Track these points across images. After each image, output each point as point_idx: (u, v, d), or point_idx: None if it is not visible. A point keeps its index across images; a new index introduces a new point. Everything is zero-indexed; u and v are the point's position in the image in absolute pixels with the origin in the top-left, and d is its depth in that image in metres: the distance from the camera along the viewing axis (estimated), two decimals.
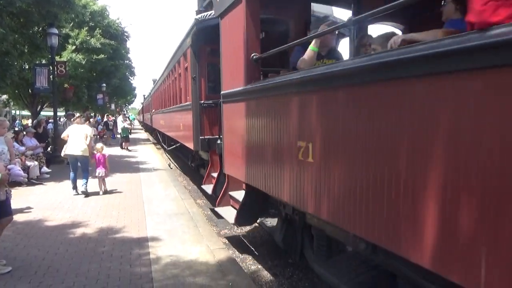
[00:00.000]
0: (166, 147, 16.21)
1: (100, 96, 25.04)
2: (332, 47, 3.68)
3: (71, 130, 8.03)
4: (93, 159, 8.08)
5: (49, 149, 13.01)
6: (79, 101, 21.34)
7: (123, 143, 17.99)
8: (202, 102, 6.92)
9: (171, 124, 11.68)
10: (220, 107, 4.93)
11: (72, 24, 18.38)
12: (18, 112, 38.39)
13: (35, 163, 9.49)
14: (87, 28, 19.74)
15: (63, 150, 8.09)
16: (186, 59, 7.83)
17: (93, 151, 8.22)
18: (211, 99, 6.67)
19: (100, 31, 20.72)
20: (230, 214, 4.96)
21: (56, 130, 13.05)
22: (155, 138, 25.06)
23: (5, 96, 21.95)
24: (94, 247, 4.79)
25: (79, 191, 7.93)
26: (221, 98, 4.82)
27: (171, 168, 12.86)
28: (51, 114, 16.31)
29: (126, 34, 24.88)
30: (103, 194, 7.94)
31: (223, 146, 4.95)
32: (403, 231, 1.93)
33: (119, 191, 8.29)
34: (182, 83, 8.88)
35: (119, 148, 17.90)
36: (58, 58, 15.75)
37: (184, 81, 8.50)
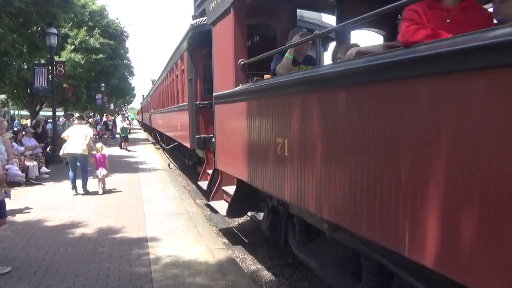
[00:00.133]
0: (164, 146, 16.40)
1: (99, 96, 25.01)
2: (307, 54, 4.00)
3: (71, 130, 8.13)
4: (92, 159, 8.11)
5: (48, 149, 13.00)
6: (78, 101, 21.30)
7: (122, 143, 17.97)
8: (198, 102, 7.27)
9: (169, 123, 12.00)
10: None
11: (71, 24, 18.34)
12: (17, 112, 38.36)
13: (34, 163, 9.48)
14: (86, 28, 19.71)
15: (62, 149, 8.09)
16: (183, 62, 8.19)
17: (92, 151, 8.23)
18: (206, 100, 6.86)
19: (99, 31, 20.69)
20: (222, 207, 5.31)
21: (55, 130, 13.04)
22: (154, 138, 25.04)
23: (3, 96, 21.95)
24: (93, 247, 4.79)
25: (78, 191, 7.94)
26: (213, 99, 5.13)
27: (170, 168, 12.85)
28: (50, 114, 16.27)
29: (125, 34, 24.87)
30: (102, 194, 7.94)
31: (215, 143, 5.27)
32: (358, 213, 2.24)
33: (119, 191, 8.28)
34: (179, 84, 9.24)
35: (118, 148, 17.88)
36: (57, 58, 15.73)
37: (181, 82, 8.85)
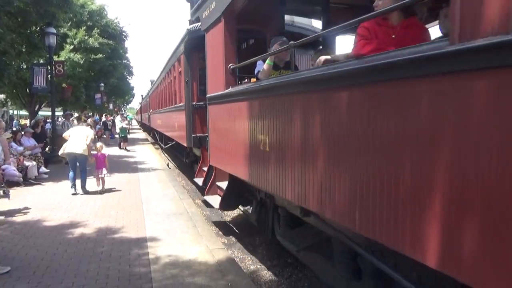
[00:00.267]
0: (163, 146, 16.53)
1: (98, 95, 24.94)
2: (287, 60, 4.23)
3: (73, 130, 8.21)
4: (93, 159, 8.13)
5: (47, 149, 12.98)
6: (77, 100, 21.26)
7: (122, 143, 17.95)
8: (194, 103, 7.72)
9: (167, 123, 12.42)
10: None
11: (70, 24, 18.29)
12: (15, 112, 38.30)
13: (33, 163, 9.46)
14: (85, 27, 19.68)
15: (62, 149, 8.10)
16: (180, 64, 8.64)
17: (92, 151, 8.24)
18: (202, 101, 7.06)
19: (98, 30, 20.66)
20: (216, 201, 5.71)
21: (54, 130, 13.03)
22: (153, 137, 25.02)
23: (2, 96, 21.89)
24: (93, 247, 4.78)
25: (77, 191, 7.93)
26: (206, 100, 5.49)
27: (169, 168, 12.84)
28: (49, 114, 16.23)
29: (124, 33, 24.84)
30: (102, 194, 7.93)
31: (208, 141, 5.64)
32: (327, 199, 2.51)
33: (118, 191, 8.27)
34: (176, 85, 9.71)
35: (117, 148, 17.86)
36: (56, 58, 15.71)
37: (178, 83, 9.29)
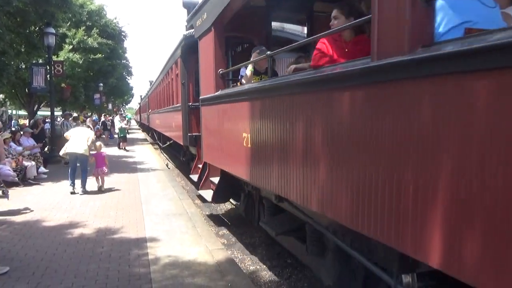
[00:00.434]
0: (161, 145, 16.84)
1: (97, 95, 24.93)
2: (267, 66, 4.50)
3: (74, 131, 8.29)
4: (92, 158, 8.20)
5: (46, 149, 12.98)
6: (76, 100, 21.25)
7: (121, 143, 17.94)
8: (190, 104, 8.10)
9: (165, 123, 12.95)
10: None
11: (69, 24, 18.29)
12: (14, 112, 38.23)
13: (32, 163, 9.45)
14: (84, 27, 19.69)
15: (63, 149, 8.13)
16: (177, 67, 9.14)
17: (91, 151, 8.25)
18: (198, 102, 7.30)
19: (97, 30, 20.67)
20: (209, 195, 6.15)
21: (53, 130, 13.01)
22: (151, 137, 24.99)
23: (1, 96, 21.85)
24: (92, 247, 4.78)
25: (76, 190, 7.94)
26: (199, 102, 5.87)
27: (169, 168, 12.83)
28: (48, 114, 16.20)
29: (123, 34, 24.88)
30: (101, 193, 7.93)
31: (201, 139, 6.03)
32: (299, 187, 2.80)
33: (117, 191, 8.27)
34: (174, 87, 10.20)
35: (116, 148, 17.84)
36: (55, 58, 15.72)
37: (175, 85, 9.76)
